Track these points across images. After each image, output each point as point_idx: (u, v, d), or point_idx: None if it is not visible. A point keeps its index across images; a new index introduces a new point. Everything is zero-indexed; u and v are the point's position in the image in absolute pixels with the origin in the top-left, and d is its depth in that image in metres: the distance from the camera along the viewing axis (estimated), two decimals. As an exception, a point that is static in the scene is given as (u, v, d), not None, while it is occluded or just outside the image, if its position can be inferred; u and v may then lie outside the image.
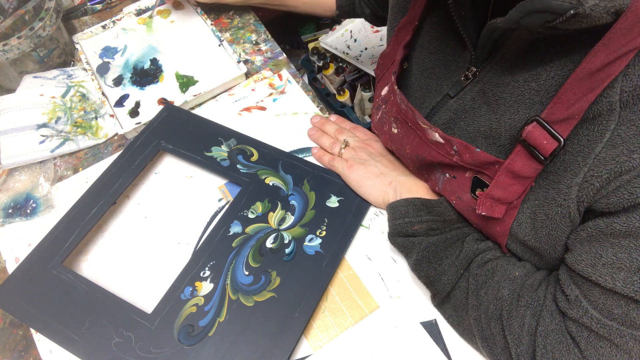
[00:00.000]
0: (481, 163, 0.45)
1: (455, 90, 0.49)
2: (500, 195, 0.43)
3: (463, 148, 0.46)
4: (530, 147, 0.40)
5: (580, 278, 0.40)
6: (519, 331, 0.43)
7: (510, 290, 0.45)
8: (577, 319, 0.40)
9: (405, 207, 0.52)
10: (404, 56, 0.55)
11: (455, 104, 0.49)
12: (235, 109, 0.72)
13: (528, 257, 0.47)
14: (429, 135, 0.49)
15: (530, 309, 0.44)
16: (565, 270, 0.43)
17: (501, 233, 0.46)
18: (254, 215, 0.59)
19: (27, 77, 0.75)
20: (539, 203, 0.42)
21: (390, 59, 0.58)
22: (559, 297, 0.43)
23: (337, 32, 1.22)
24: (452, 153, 0.47)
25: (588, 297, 0.40)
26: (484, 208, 0.44)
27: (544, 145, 0.39)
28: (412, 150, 0.53)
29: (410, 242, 0.51)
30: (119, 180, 0.62)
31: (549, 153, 0.39)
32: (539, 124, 0.39)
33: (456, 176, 0.49)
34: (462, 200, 0.49)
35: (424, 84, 0.53)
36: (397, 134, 0.56)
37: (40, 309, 0.53)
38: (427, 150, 0.50)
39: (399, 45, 0.55)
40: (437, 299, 0.51)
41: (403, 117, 0.53)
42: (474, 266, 0.48)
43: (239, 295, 0.53)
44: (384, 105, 0.59)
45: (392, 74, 0.54)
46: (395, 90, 0.53)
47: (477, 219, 0.49)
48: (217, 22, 0.85)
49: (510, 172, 0.42)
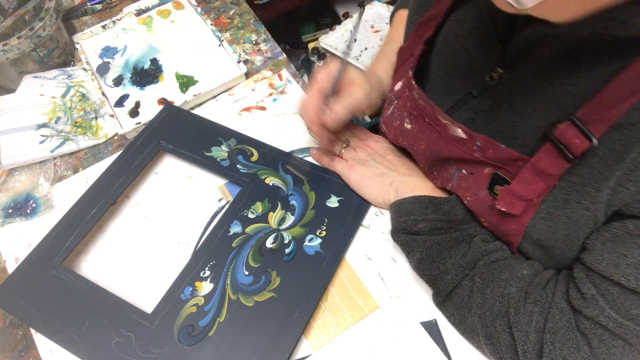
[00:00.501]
0: (505, 159, 0.45)
1: (478, 89, 0.48)
2: (522, 192, 0.43)
3: (487, 144, 0.45)
4: (560, 144, 0.40)
5: (599, 277, 0.40)
6: (527, 328, 0.43)
7: (517, 287, 0.45)
8: (593, 317, 0.40)
9: (412, 205, 0.52)
10: (423, 51, 0.54)
11: (477, 103, 0.48)
12: (235, 109, 0.72)
13: (539, 257, 0.47)
14: (449, 131, 0.49)
15: (539, 306, 0.44)
16: (581, 269, 0.43)
17: (516, 231, 0.46)
18: (254, 215, 0.59)
19: (27, 77, 0.75)
20: (558, 205, 0.42)
21: (407, 53, 0.57)
22: (573, 294, 0.43)
23: (337, 32, 1.22)
24: (474, 149, 0.47)
25: (605, 296, 0.40)
26: (504, 204, 0.44)
27: (576, 144, 0.39)
28: (427, 146, 0.53)
29: (414, 240, 0.51)
30: (119, 180, 0.62)
31: (579, 152, 0.39)
32: (573, 123, 0.39)
33: (474, 172, 0.49)
34: (477, 197, 0.49)
35: (446, 81, 0.52)
36: (410, 129, 0.55)
37: (40, 309, 0.53)
38: (446, 146, 0.50)
39: (419, 39, 0.55)
40: (440, 297, 0.51)
41: (419, 112, 0.52)
42: (481, 265, 0.48)
43: (239, 295, 0.53)
44: (396, 100, 0.58)
45: (410, 69, 0.53)
46: (413, 85, 0.52)
47: (491, 216, 0.49)
48: (217, 22, 0.85)
49: (535, 169, 0.42)
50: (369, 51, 1.16)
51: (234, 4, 0.88)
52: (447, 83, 0.52)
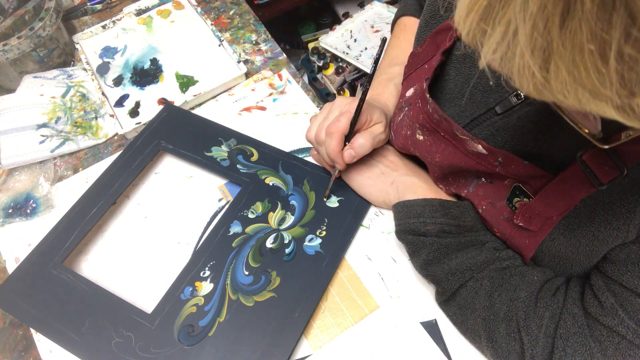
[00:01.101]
0: (528, 175, 0.43)
1: (502, 107, 0.46)
2: (542, 210, 0.42)
3: (509, 160, 0.44)
4: (588, 169, 0.38)
5: (619, 287, 0.40)
6: (537, 332, 0.43)
7: (527, 292, 0.45)
8: (611, 326, 0.40)
9: (422, 207, 0.51)
10: (440, 62, 0.52)
11: (500, 121, 0.46)
12: (235, 109, 0.72)
13: (554, 266, 0.47)
14: (468, 146, 0.47)
15: (549, 311, 0.44)
16: (600, 277, 0.42)
17: (529, 246, 0.46)
18: (254, 215, 0.59)
19: (27, 77, 0.75)
20: (581, 222, 0.41)
21: (422, 59, 0.55)
22: (590, 302, 0.42)
23: (337, 32, 1.22)
24: (495, 164, 0.45)
25: (625, 306, 0.40)
26: (523, 219, 0.43)
27: (605, 172, 0.37)
28: (443, 158, 0.51)
29: (421, 241, 0.51)
30: (119, 180, 0.62)
31: (607, 180, 0.37)
32: (605, 149, 0.38)
33: (494, 182, 0.48)
34: (494, 207, 0.48)
35: (467, 94, 0.50)
36: (423, 141, 0.53)
37: (40, 309, 0.53)
38: (465, 160, 0.48)
39: (436, 48, 0.53)
40: (443, 296, 0.51)
41: (434, 126, 0.50)
42: (492, 269, 0.48)
43: (239, 295, 0.53)
44: (407, 107, 0.56)
45: (425, 81, 0.51)
46: (427, 98, 0.50)
47: (505, 228, 0.48)
48: (217, 22, 0.85)
49: (559, 189, 0.41)
50: (369, 51, 1.16)
51: (234, 4, 0.88)
52: (467, 96, 0.50)
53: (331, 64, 1.22)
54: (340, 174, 0.60)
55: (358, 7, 1.54)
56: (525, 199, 0.44)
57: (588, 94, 0.20)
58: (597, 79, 0.19)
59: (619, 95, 0.19)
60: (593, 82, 0.19)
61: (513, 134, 0.45)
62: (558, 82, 0.21)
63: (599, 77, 0.19)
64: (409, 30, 0.68)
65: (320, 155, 0.59)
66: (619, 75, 0.19)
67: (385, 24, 1.22)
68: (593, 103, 0.21)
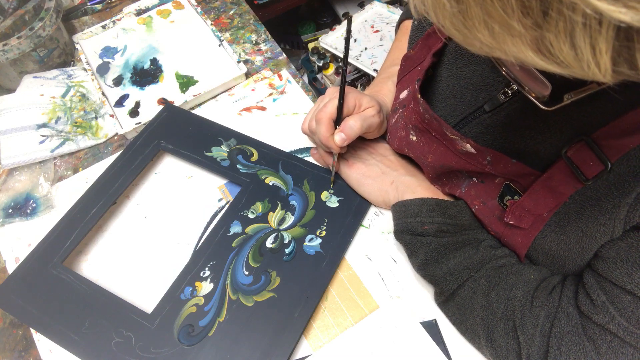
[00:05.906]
0: (516, 174, 0.44)
1: (491, 105, 0.47)
2: (532, 207, 0.42)
3: (498, 158, 0.44)
4: (573, 165, 0.39)
5: (610, 284, 0.40)
6: (532, 331, 0.43)
7: (524, 291, 0.45)
8: (602, 324, 0.40)
9: (419, 207, 0.52)
10: (431, 64, 0.53)
11: (489, 119, 0.47)
12: (235, 109, 0.72)
13: (549, 264, 0.47)
14: (458, 145, 0.47)
15: (545, 310, 0.44)
16: (591, 275, 0.42)
17: (522, 244, 0.46)
18: (254, 215, 0.59)
19: (27, 77, 0.75)
20: (570, 218, 0.41)
21: (414, 61, 0.56)
22: (582, 300, 0.42)
23: (337, 32, 1.22)
24: (484, 163, 0.46)
25: (616, 304, 0.40)
26: (513, 217, 0.44)
27: (589, 167, 0.38)
28: (435, 158, 0.51)
29: (419, 241, 0.51)
30: (119, 180, 0.62)
31: (592, 175, 0.38)
32: (588, 145, 0.38)
33: (485, 181, 0.48)
34: (486, 206, 0.48)
35: (458, 93, 0.51)
36: (416, 142, 0.54)
37: (40, 309, 0.53)
38: (456, 160, 0.49)
39: (427, 50, 0.53)
40: (442, 297, 0.51)
41: (426, 126, 0.51)
42: (488, 268, 0.48)
43: (239, 295, 0.53)
44: (401, 109, 0.57)
45: (416, 82, 0.51)
46: (418, 98, 0.50)
47: (498, 226, 0.48)
48: (217, 22, 0.85)
49: (546, 186, 0.41)
50: (369, 51, 1.16)
51: (234, 4, 0.88)
52: (459, 95, 0.51)
53: (331, 64, 1.22)
54: (340, 158, 0.61)
55: (358, 7, 1.54)
56: (515, 197, 0.45)
57: (498, 28, 0.20)
58: (500, 6, 0.19)
59: (524, 27, 0.20)
60: (498, 10, 0.20)
61: (501, 131, 0.46)
62: (469, 16, 0.21)
63: (501, 4, 0.19)
64: (409, 33, 0.68)
65: (316, 145, 0.59)
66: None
67: (385, 24, 1.22)
68: (510, 42, 0.21)
